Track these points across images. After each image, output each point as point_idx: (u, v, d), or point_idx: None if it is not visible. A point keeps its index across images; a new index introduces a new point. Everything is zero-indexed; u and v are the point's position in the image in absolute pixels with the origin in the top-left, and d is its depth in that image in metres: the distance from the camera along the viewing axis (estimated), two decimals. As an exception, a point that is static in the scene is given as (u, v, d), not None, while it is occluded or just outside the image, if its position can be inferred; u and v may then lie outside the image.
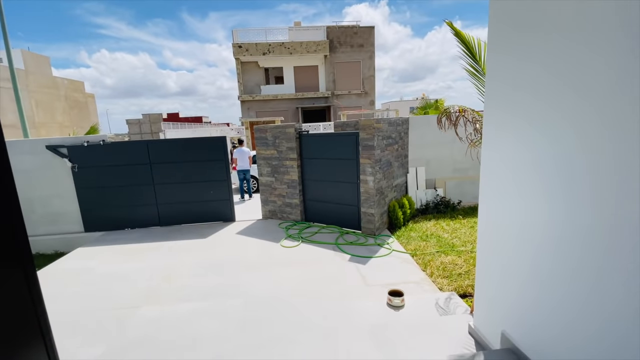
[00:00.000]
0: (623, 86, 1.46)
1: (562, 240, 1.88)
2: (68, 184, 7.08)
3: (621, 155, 1.50)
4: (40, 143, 6.91)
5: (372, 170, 5.73)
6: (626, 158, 1.47)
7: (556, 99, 1.83)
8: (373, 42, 23.22)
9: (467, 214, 7.00)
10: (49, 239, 7.22)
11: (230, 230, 6.80)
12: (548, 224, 1.97)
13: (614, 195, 1.55)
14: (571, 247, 1.83)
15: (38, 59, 27.97)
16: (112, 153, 6.91)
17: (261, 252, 5.60)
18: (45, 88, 27.19)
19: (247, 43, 21.89)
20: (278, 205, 7.32)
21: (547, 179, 1.95)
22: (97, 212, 7.15)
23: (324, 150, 6.47)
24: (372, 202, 5.84)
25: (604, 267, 1.63)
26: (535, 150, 2.03)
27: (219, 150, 7.13)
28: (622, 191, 1.51)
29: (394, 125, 6.39)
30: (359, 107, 23.30)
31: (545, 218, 1.99)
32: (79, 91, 31.98)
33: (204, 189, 7.23)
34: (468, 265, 4.65)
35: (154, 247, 6.07)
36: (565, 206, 1.83)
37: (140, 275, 4.94)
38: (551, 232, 1.96)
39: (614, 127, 1.52)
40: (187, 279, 4.74)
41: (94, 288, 4.64)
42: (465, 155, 4.87)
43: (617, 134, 1.51)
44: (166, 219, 7.31)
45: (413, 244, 5.53)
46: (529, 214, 2.13)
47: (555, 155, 1.87)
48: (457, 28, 3.01)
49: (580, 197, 1.73)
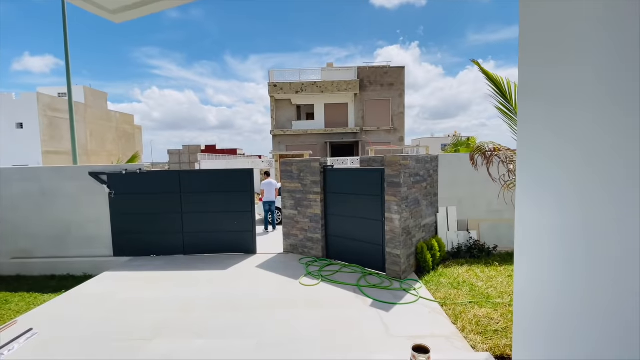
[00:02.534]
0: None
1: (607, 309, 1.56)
2: (104, 209, 7.45)
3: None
4: (84, 170, 7.43)
5: (398, 208, 5.49)
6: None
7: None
8: (403, 81, 23.66)
9: (504, 261, 6.40)
10: (79, 261, 7.49)
11: (251, 263, 6.68)
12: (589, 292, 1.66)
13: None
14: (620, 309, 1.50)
15: (97, 94, 31.36)
16: (146, 181, 7.26)
17: (280, 288, 5.38)
18: (100, 120, 30.12)
19: (282, 82, 23.16)
20: (300, 239, 7.16)
21: (589, 246, 1.68)
22: (126, 238, 7.38)
23: (349, 186, 6.35)
24: (398, 243, 5.53)
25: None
26: (575, 214, 1.77)
27: (245, 182, 7.26)
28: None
29: (422, 163, 6.20)
30: (388, 143, 23.30)
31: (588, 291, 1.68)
32: (129, 123, 35.08)
33: (228, 219, 7.29)
34: (506, 321, 4.13)
35: (174, 276, 6.07)
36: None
37: (159, 305, 4.89)
38: (591, 300, 1.64)
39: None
40: (203, 312, 4.61)
41: (112, 315, 4.63)
42: (499, 197, 4.53)
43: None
44: (190, 248, 7.37)
45: (443, 292, 5.06)
46: (572, 278, 1.82)
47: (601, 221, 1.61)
48: (485, 68, 2.91)
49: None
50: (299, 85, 23.00)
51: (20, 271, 7.44)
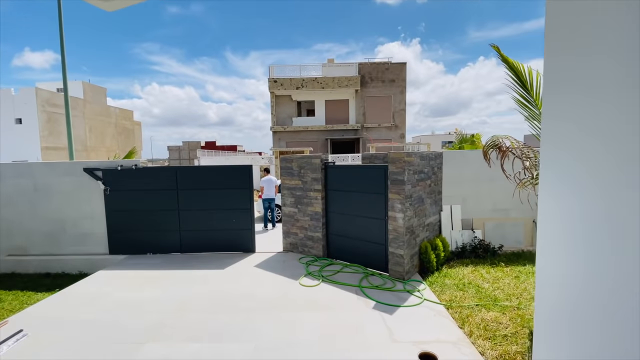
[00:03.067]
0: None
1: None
2: (99, 206, 7.27)
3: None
4: (79, 166, 7.24)
5: (401, 206, 5.30)
6: None
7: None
8: (404, 78, 23.36)
9: (510, 261, 6.22)
10: (75, 259, 7.32)
11: (249, 262, 6.51)
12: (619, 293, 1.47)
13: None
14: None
15: (96, 89, 31.08)
16: (142, 177, 7.07)
17: (279, 289, 5.21)
18: (99, 115, 29.89)
19: (282, 78, 22.88)
20: (300, 237, 6.98)
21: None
22: (122, 235, 7.21)
23: (350, 183, 6.16)
24: (402, 242, 5.34)
25: None
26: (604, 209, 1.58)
27: (244, 178, 7.06)
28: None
29: (427, 159, 6.00)
30: (389, 140, 23.06)
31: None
32: (128, 119, 34.83)
33: (226, 216, 7.11)
34: (515, 326, 3.95)
35: (171, 275, 5.90)
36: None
37: (153, 306, 4.72)
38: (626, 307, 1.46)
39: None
40: (199, 314, 4.44)
41: (105, 316, 4.46)
42: (513, 196, 4.32)
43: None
44: (187, 246, 7.20)
45: (448, 294, 4.89)
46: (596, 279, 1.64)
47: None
48: (505, 54, 2.70)
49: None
50: (300, 81, 22.72)
51: (15, 268, 7.28)
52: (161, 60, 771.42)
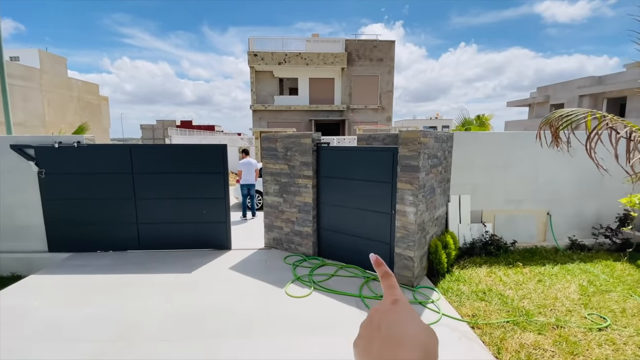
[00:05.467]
0: None
1: None
2: (34, 192, 5.83)
3: None
4: (5, 141, 5.72)
5: (413, 199, 4.30)
6: None
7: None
8: (393, 57, 22.16)
9: (526, 260, 5.45)
10: (8, 257, 5.92)
11: (223, 263, 5.38)
12: None
13: None
14: None
15: (54, 59, 27.83)
16: (87, 158, 5.67)
17: (259, 300, 4.16)
18: (59, 88, 26.85)
19: (263, 52, 21.07)
20: (285, 232, 5.90)
21: None
22: (64, 229, 5.84)
23: (349, 169, 5.08)
24: (412, 242, 4.38)
25: None
26: None
27: (217, 161, 5.81)
28: None
29: (440, 142, 4.99)
30: (375, 122, 22.04)
31: None
32: (93, 93, 31.68)
33: (195, 207, 5.88)
34: (563, 354, 3.11)
35: (122, 283, 4.69)
36: None
37: (92, 330, 3.55)
38: None
39: None
40: (150, 343, 3.32)
41: (21, 346, 3.27)
42: (633, 189, 3.36)
43: None
44: (147, 242, 5.95)
45: (468, 305, 4.01)
46: None
47: None
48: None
49: None
50: (282, 55, 20.99)
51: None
52: (133, 32, 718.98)
